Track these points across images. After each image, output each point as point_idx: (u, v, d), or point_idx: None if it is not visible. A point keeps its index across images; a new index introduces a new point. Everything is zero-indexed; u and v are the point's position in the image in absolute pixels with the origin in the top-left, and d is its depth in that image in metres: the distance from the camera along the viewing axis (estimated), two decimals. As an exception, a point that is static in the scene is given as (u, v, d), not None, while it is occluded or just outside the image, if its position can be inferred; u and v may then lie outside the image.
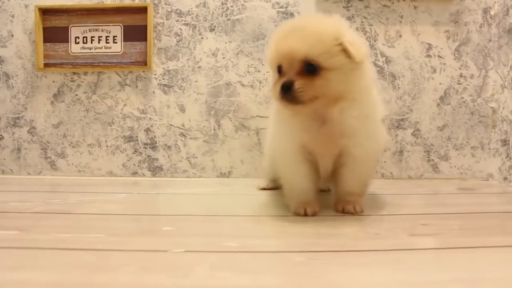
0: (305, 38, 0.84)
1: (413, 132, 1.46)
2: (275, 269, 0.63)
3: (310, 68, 0.85)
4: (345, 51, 0.84)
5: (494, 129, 1.46)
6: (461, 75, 1.46)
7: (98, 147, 1.49)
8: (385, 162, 1.46)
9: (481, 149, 1.47)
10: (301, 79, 0.84)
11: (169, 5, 1.44)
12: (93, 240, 0.76)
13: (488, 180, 1.46)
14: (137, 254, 0.68)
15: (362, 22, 1.43)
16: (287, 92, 0.85)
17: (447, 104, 1.46)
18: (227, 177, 1.47)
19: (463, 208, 1.06)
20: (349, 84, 0.88)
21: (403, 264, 0.65)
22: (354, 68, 0.86)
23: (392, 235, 0.80)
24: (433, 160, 1.47)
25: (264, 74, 1.43)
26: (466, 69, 1.46)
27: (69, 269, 0.62)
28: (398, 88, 1.45)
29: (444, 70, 1.45)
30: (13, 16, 1.46)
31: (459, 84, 1.46)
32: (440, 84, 1.46)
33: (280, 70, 0.89)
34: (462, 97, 1.46)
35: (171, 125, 1.46)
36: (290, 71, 0.86)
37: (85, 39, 1.45)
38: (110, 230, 0.84)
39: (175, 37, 1.44)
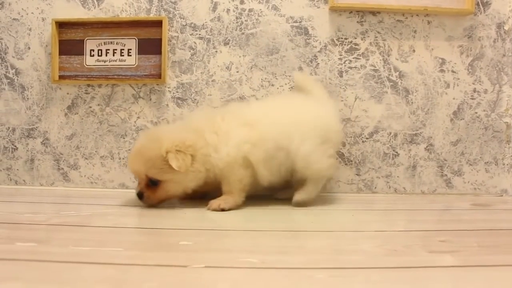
0: (144, 162, 1.15)
1: (426, 147, 1.46)
2: (297, 286, 0.62)
3: (153, 182, 1.16)
4: (169, 167, 1.12)
5: (509, 144, 1.45)
6: (474, 90, 1.46)
7: (111, 159, 1.49)
8: (398, 177, 1.46)
9: (495, 165, 1.46)
10: (148, 190, 1.17)
11: (183, 19, 1.45)
12: (112, 254, 0.76)
13: (502, 196, 1.45)
14: (157, 269, 0.67)
15: (376, 37, 1.44)
16: (141, 199, 1.18)
17: (461, 119, 1.46)
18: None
19: (479, 225, 1.06)
20: (185, 185, 1.17)
21: (425, 282, 0.65)
22: (186, 173, 1.15)
23: (411, 251, 0.80)
24: (446, 175, 1.46)
25: (277, 88, 1.44)
26: (480, 84, 1.45)
27: (91, 284, 0.62)
28: (412, 103, 1.45)
29: (458, 85, 1.45)
30: (30, 29, 1.48)
31: (472, 99, 1.46)
32: (454, 99, 1.45)
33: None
34: (476, 112, 1.46)
35: (184, 137, 1.46)
36: (141, 183, 1.18)
37: (100, 52, 1.47)
38: (127, 244, 0.84)
39: (189, 51, 1.45)
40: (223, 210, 1.16)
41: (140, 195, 1.18)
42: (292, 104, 1.28)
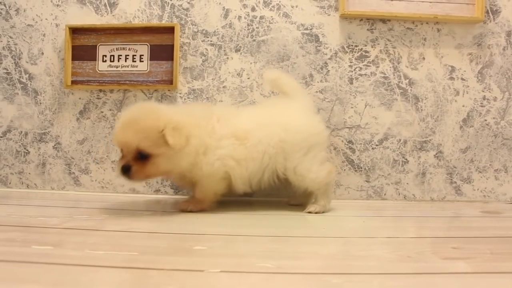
0: (136, 133, 1.09)
1: (436, 154, 1.46)
2: (313, 291, 0.63)
3: (142, 155, 1.10)
4: (164, 142, 1.09)
5: (518, 152, 1.46)
6: (484, 98, 1.46)
7: (122, 163, 1.50)
8: (407, 184, 1.46)
9: (505, 172, 1.46)
10: (136, 164, 1.10)
11: (195, 25, 1.46)
12: (128, 258, 0.77)
13: (511, 203, 1.45)
14: (174, 274, 0.68)
15: (386, 45, 1.45)
16: (126, 172, 1.11)
17: (470, 127, 1.46)
18: (250, 196, 1.48)
19: (490, 232, 1.06)
20: (174, 164, 1.14)
21: (440, 289, 0.65)
22: (178, 151, 1.11)
23: (424, 258, 0.80)
24: (455, 182, 1.47)
25: (288, 94, 1.44)
26: (489, 92, 1.46)
27: (110, 287, 0.63)
28: (421, 110, 1.46)
29: (467, 93, 1.46)
30: (44, 35, 1.50)
31: (482, 106, 1.46)
32: (463, 106, 1.46)
33: (121, 151, 1.14)
34: (485, 120, 1.46)
35: (195, 143, 1.47)
36: (128, 156, 1.11)
37: (112, 57, 1.48)
38: (142, 248, 0.84)
39: (201, 57, 1.47)
40: (190, 211, 1.20)
41: (126, 169, 1.11)
42: (273, 118, 1.25)
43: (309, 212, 1.22)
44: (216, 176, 1.19)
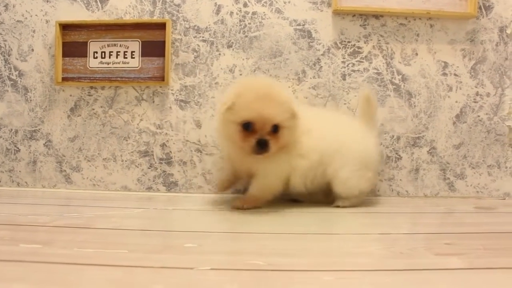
0: (275, 107, 1.10)
1: (429, 150, 1.46)
2: (304, 288, 0.62)
3: (275, 129, 1.12)
4: (293, 114, 1.13)
5: (511, 147, 1.45)
6: (477, 94, 1.46)
7: (113, 161, 1.49)
8: (400, 180, 1.46)
9: (498, 168, 1.46)
10: (271, 137, 1.11)
11: (187, 21, 1.45)
12: (117, 256, 0.76)
13: (505, 199, 1.45)
14: (163, 271, 0.67)
15: (379, 40, 1.44)
16: (264, 148, 1.10)
17: (463, 123, 1.46)
18: (243, 193, 1.47)
19: (484, 228, 1.06)
20: (291, 137, 1.16)
21: (432, 285, 0.65)
22: (295, 125, 1.15)
23: (417, 254, 0.80)
24: (449, 178, 1.46)
25: (280, 90, 1.43)
26: (482, 88, 1.46)
27: (98, 286, 0.62)
28: (414, 106, 1.45)
29: (460, 89, 1.45)
30: (34, 31, 1.48)
31: (475, 102, 1.46)
32: (456, 102, 1.46)
33: (247, 126, 1.11)
34: (478, 116, 1.46)
35: (187, 140, 1.46)
36: (262, 130, 1.11)
37: (103, 54, 1.47)
38: (132, 246, 0.83)
39: (193, 53, 1.45)
40: (247, 209, 1.19)
41: (264, 143, 1.10)
42: (339, 124, 1.30)
43: (337, 206, 1.25)
44: (283, 175, 1.21)
